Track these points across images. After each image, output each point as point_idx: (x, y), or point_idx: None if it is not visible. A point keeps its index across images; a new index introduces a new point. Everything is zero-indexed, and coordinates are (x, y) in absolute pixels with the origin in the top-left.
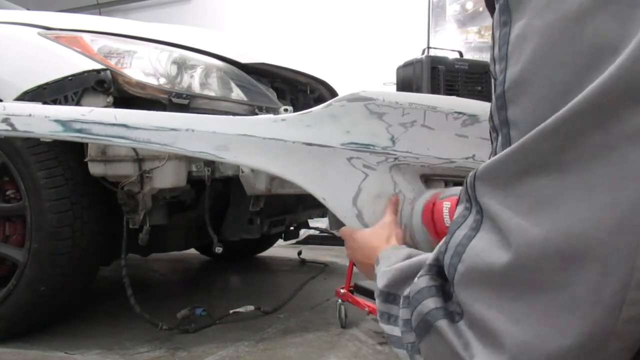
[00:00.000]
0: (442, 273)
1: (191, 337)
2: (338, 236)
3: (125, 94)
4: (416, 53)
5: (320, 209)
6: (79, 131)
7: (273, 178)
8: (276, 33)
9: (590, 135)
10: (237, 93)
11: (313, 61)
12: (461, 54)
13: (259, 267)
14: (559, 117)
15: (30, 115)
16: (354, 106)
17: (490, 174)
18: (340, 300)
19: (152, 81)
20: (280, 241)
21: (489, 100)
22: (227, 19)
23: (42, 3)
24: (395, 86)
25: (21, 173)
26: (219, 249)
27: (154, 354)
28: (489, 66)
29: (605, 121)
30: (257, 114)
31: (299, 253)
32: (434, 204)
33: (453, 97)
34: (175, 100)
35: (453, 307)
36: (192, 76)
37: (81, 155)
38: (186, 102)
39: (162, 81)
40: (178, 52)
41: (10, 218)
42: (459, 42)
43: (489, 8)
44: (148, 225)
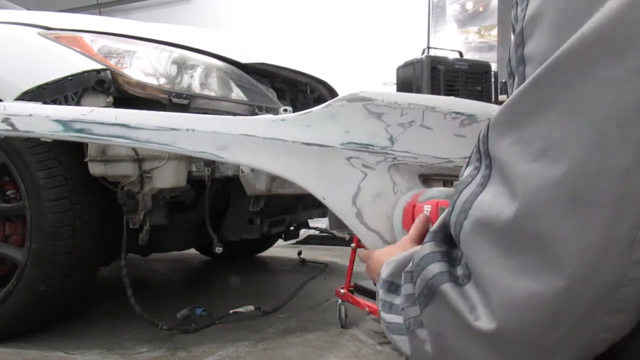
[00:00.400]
0: (447, 239)
1: (191, 337)
2: (338, 236)
3: (125, 94)
4: (416, 53)
5: (320, 209)
6: (80, 131)
7: (273, 178)
8: (276, 33)
9: (600, 67)
10: (237, 93)
11: (313, 61)
12: (461, 54)
13: (259, 267)
14: (565, 50)
15: (30, 115)
16: (353, 106)
17: (502, 118)
18: (340, 300)
19: (152, 81)
20: (280, 241)
21: (489, 100)
22: (227, 19)
23: (42, 3)
24: (395, 86)
25: (21, 173)
26: (219, 249)
27: (154, 354)
28: (512, 11)
29: (614, 53)
30: (257, 114)
31: (299, 253)
32: (414, 207)
33: (451, 98)
34: (175, 100)
35: (460, 272)
36: (192, 76)
37: (81, 155)
38: (186, 102)
39: (162, 81)
40: (178, 52)
41: (10, 218)
42: (459, 42)
43: None
44: (148, 225)
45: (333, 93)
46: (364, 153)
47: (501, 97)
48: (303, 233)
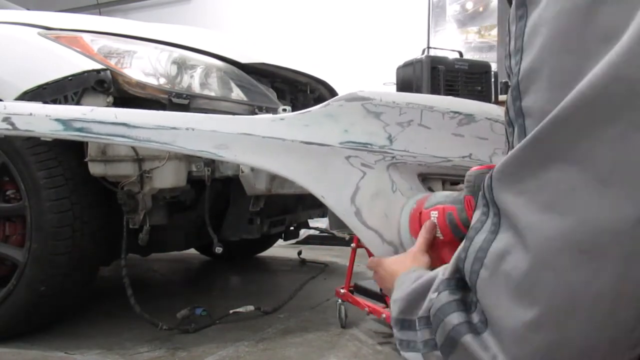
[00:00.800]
0: (461, 285)
1: (191, 337)
2: (338, 236)
3: (125, 94)
4: (416, 53)
5: (320, 209)
6: (80, 130)
7: (273, 178)
8: (276, 33)
9: (601, 124)
10: (237, 93)
11: (313, 61)
12: (461, 54)
13: (259, 267)
14: (564, 107)
15: (31, 114)
16: (352, 106)
17: (505, 172)
18: (340, 300)
19: (152, 81)
20: (280, 241)
21: (489, 100)
22: (227, 19)
23: (42, 3)
24: (395, 86)
25: (21, 173)
26: (219, 249)
27: (154, 354)
28: (506, 64)
29: (614, 111)
30: (257, 114)
31: (299, 253)
32: (420, 214)
33: (449, 97)
34: (175, 100)
35: (477, 318)
36: (192, 76)
37: (81, 155)
38: (186, 102)
39: (162, 81)
40: (178, 52)
41: (10, 218)
42: (459, 42)
43: (508, 1)
44: (148, 225)
45: (333, 93)
46: (363, 152)
47: (501, 97)
48: (303, 233)
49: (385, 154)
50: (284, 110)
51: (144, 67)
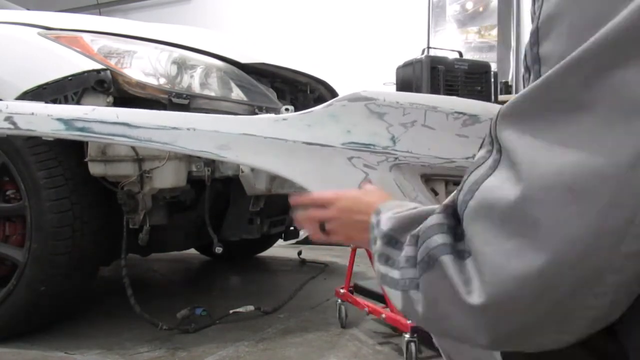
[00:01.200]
0: (456, 214)
1: (191, 337)
2: None
3: (125, 94)
4: (416, 53)
5: None
6: (81, 130)
7: (273, 178)
8: (276, 33)
9: (614, 69)
10: (237, 93)
11: (313, 61)
12: (461, 54)
13: (259, 267)
14: (584, 50)
15: (32, 113)
16: (355, 106)
17: (514, 110)
18: (340, 300)
19: (152, 81)
20: (280, 241)
21: (489, 100)
22: (227, 19)
23: (42, 3)
24: (395, 86)
25: (21, 173)
26: (219, 249)
27: (154, 354)
28: (530, 8)
29: (631, 55)
30: (257, 114)
31: (299, 253)
32: None
33: (454, 97)
34: (175, 100)
35: (462, 247)
36: (192, 76)
37: (81, 155)
38: (186, 102)
39: (162, 81)
40: (178, 52)
41: (10, 218)
42: (459, 42)
43: None
44: (148, 225)
45: (333, 93)
46: (365, 153)
47: (501, 97)
48: (303, 233)
49: (388, 155)
50: (287, 110)
51: (144, 67)
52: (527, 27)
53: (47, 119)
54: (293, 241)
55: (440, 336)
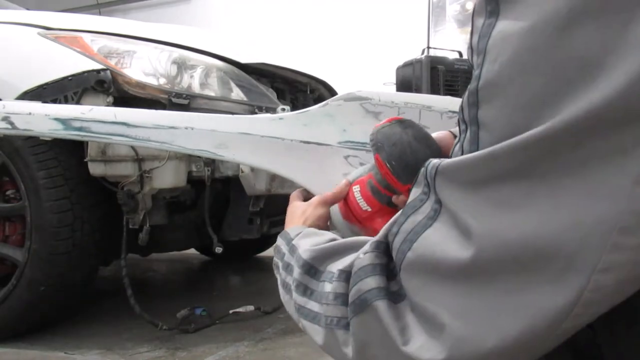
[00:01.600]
0: (389, 251)
1: (191, 337)
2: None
3: (125, 94)
4: (416, 53)
5: None
6: (79, 129)
7: (273, 178)
8: (276, 33)
9: (564, 153)
10: (237, 93)
11: (313, 61)
12: (461, 54)
13: (259, 267)
14: (534, 135)
15: (30, 113)
16: (350, 105)
17: (454, 172)
18: None
19: (152, 81)
20: None
21: None
22: (227, 19)
23: (42, 3)
24: (395, 86)
25: (21, 173)
26: (219, 249)
27: (154, 354)
28: (468, 53)
29: (582, 142)
30: (257, 114)
31: None
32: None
33: (448, 97)
34: (175, 100)
35: (397, 287)
36: (192, 76)
37: (81, 155)
38: (186, 102)
39: (162, 81)
40: (178, 52)
41: (10, 218)
42: (459, 42)
43: None
44: (148, 225)
45: (333, 93)
46: (362, 151)
47: None
48: None
49: None
50: (283, 109)
51: (144, 67)
52: None
53: (45, 119)
54: None
55: None
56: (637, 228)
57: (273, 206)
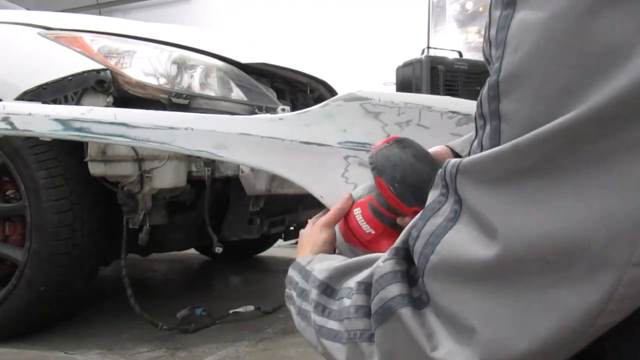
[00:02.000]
0: (408, 256)
1: (191, 337)
2: None
3: (125, 94)
4: (416, 53)
5: (320, 209)
6: (79, 130)
7: (273, 178)
8: (276, 33)
9: (591, 143)
10: (237, 93)
11: (313, 61)
12: (461, 54)
13: (259, 267)
14: (560, 124)
15: (30, 114)
16: (350, 106)
17: (476, 169)
18: None
19: (152, 81)
20: (280, 241)
21: None
22: (227, 19)
23: (42, 3)
24: (395, 86)
25: (21, 173)
26: (219, 249)
27: (154, 354)
28: (484, 47)
29: (609, 131)
30: (257, 114)
31: None
32: (346, 217)
33: (448, 97)
34: (175, 100)
35: (419, 294)
36: (192, 76)
37: (81, 155)
38: (186, 102)
39: (162, 81)
40: (178, 52)
41: (10, 218)
42: (459, 42)
43: None
44: (148, 225)
45: (333, 93)
46: (361, 152)
47: None
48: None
49: None
50: (283, 110)
51: (144, 67)
52: None
53: (45, 120)
54: (293, 241)
55: None
56: None
57: (273, 206)
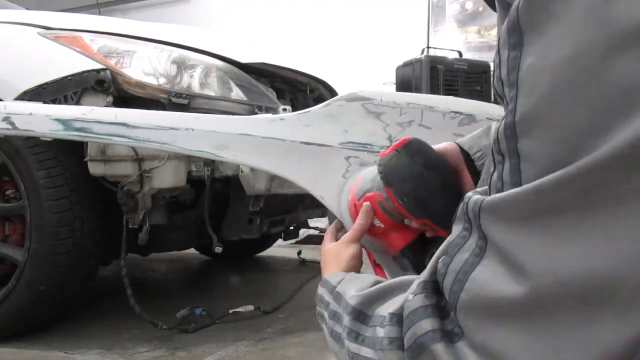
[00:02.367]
0: (437, 289)
1: (191, 337)
2: None
3: (125, 94)
4: (416, 53)
5: (320, 209)
6: (80, 130)
7: (273, 178)
8: (276, 33)
9: (617, 182)
10: (237, 93)
11: (313, 61)
12: (461, 54)
13: (259, 267)
14: (583, 166)
15: (31, 114)
16: (352, 106)
17: (501, 209)
18: None
19: (152, 81)
20: (280, 241)
21: (488, 100)
22: (227, 19)
23: (42, 3)
24: (395, 86)
25: (21, 173)
26: (219, 249)
27: (154, 354)
28: (496, 84)
29: (637, 169)
30: (257, 114)
31: (299, 253)
32: (355, 206)
33: (450, 97)
34: (175, 100)
35: (452, 326)
36: (192, 76)
37: (81, 155)
38: (186, 102)
39: (162, 81)
40: (178, 52)
41: (10, 218)
42: (459, 42)
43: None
44: (148, 225)
45: (333, 93)
46: (363, 153)
47: None
48: (303, 233)
49: None
50: (284, 110)
51: (144, 67)
52: None
53: (46, 120)
54: (293, 241)
55: None
56: None
57: (273, 206)
